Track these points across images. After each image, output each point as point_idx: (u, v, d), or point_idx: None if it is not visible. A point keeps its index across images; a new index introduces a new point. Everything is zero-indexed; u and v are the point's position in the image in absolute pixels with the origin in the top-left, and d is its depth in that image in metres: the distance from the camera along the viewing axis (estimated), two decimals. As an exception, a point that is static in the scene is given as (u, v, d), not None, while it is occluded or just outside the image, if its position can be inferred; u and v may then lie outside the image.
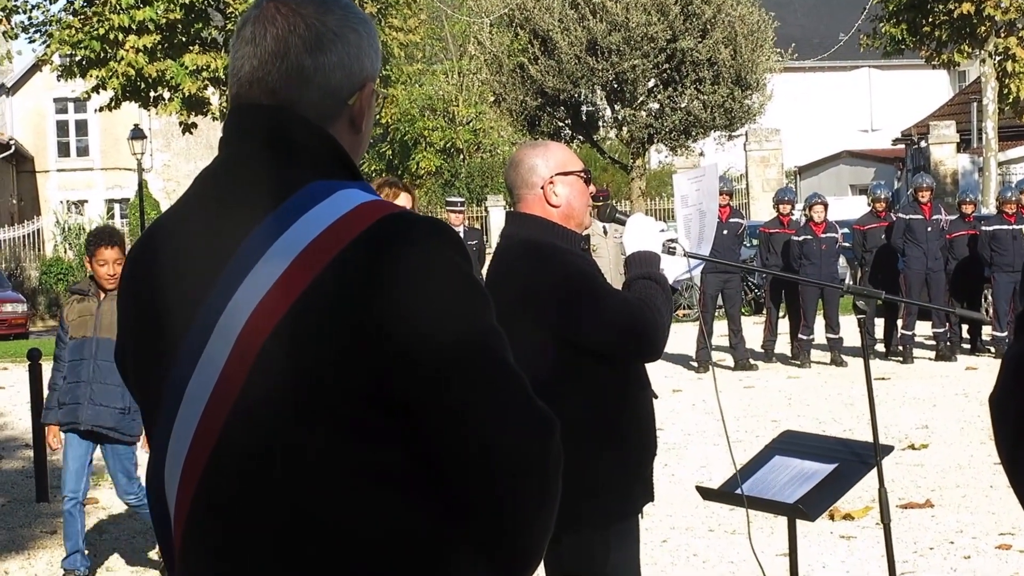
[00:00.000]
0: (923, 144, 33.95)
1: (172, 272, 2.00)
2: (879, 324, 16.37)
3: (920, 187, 15.71)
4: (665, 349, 3.85)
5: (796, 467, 4.14)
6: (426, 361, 1.85)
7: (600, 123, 32.62)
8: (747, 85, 30.41)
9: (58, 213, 42.74)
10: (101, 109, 27.90)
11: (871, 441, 4.05)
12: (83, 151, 46.84)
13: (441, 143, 38.52)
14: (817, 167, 42.46)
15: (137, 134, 34.09)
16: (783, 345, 16.18)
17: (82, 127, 46.45)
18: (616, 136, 32.87)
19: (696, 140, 31.45)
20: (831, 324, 15.47)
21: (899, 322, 15.72)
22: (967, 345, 16.20)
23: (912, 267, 15.35)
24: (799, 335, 15.60)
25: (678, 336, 13.41)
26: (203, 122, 28.35)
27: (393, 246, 1.88)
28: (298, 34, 2.00)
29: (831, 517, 7.54)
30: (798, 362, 15.50)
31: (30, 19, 27.41)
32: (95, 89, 27.09)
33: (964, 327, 16.24)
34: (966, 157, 33.30)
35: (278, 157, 1.99)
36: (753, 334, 16.77)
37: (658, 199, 35.95)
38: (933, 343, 15.75)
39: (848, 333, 15.68)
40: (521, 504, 1.91)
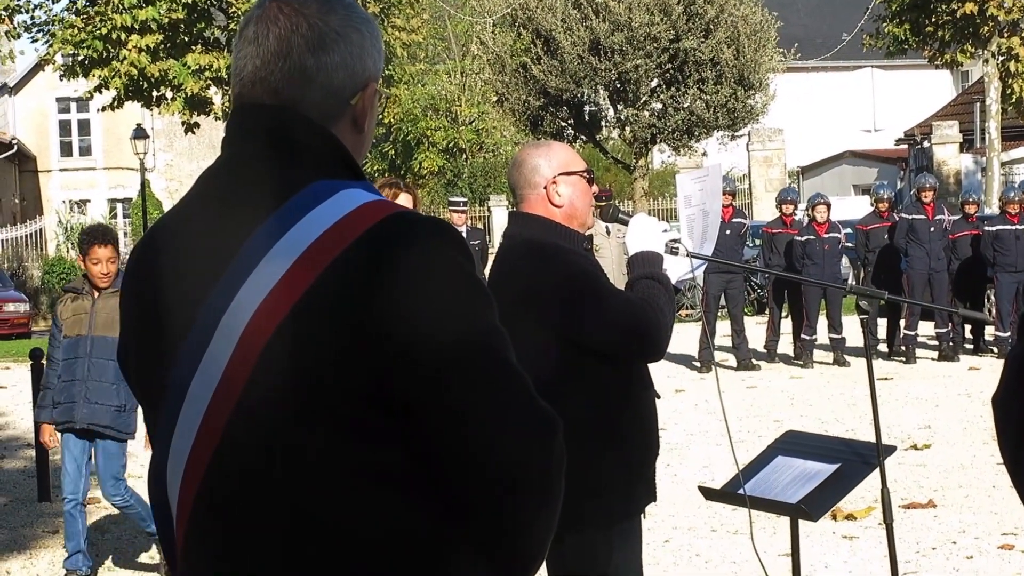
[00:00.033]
0: (926, 144, 33.93)
1: (174, 272, 2.00)
2: (882, 324, 16.35)
3: (923, 187, 15.70)
4: (668, 349, 3.85)
5: (798, 467, 4.14)
6: (428, 361, 1.84)
7: (603, 123, 32.62)
8: (750, 85, 30.40)
9: (60, 213, 42.77)
10: (104, 109, 27.90)
11: (873, 441, 4.04)
12: (85, 151, 46.86)
13: (444, 143, 38.49)
14: (820, 167, 42.45)
15: (139, 134, 34.09)
16: (786, 345, 16.17)
17: (84, 127, 46.48)
18: (619, 136, 32.87)
19: (699, 140, 31.44)
20: (834, 324, 15.46)
21: (902, 322, 15.70)
22: (970, 345, 16.18)
23: (915, 267, 15.35)
24: (802, 335, 15.59)
25: (681, 336, 13.36)
26: (206, 122, 28.34)
27: (395, 246, 1.87)
28: (301, 34, 2.00)
29: (833, 517, 7.53)
30: (801, 362, 15.49)
31: (33, 19, 27.41)
32: (98, 89, 27.09)
33: (967, 327, 16.22)
34: (969, 157, 33.27)
35: (280, 157, 1.98)
36: (756, 334, 16.75)
37: (661, 199, 35.94)
38: (936, 343, 15.73)
39: (851, 333, 15.67)
40: (522, 504, 1.91)
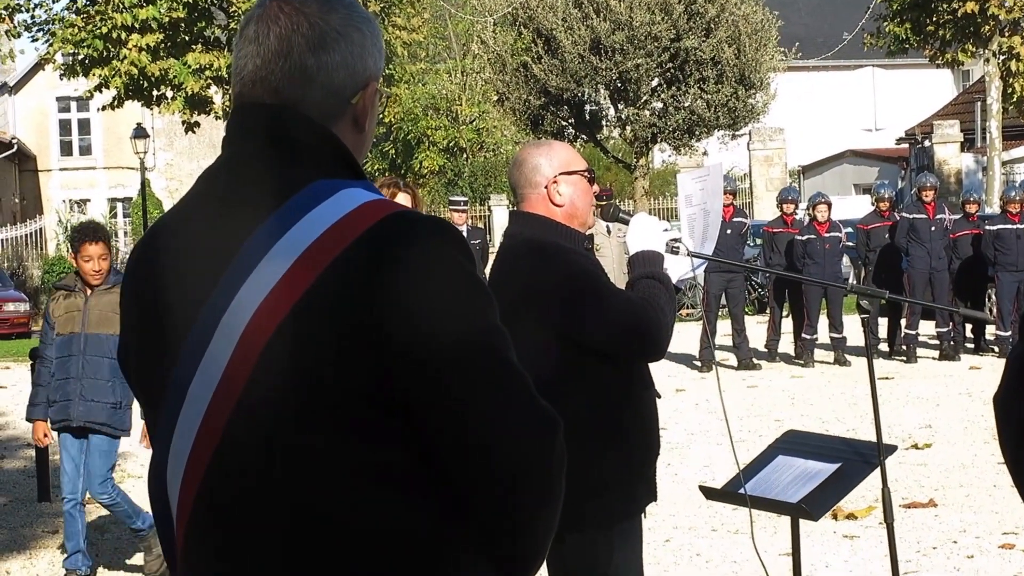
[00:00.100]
0: (927, 143, 33.91)
1: (175, 271, 2.00)
2: (882, 324, 16.34)
3: (924, 186, 15.69)
4: (668, 348, 3.84)
5: (799, 467, 4.14)
6: (428, 360, 1.84)
7: (604, 122, 32.61)
8: (751, 84, 30.40)
9: (60, 212, 42.74)
10: (104, 108, 27.90)
11: (874, 441, 4.04)
12: (86, 150, 46.85)
13: (444, 142, 38.48)
14: (821, 166, 42.44)
15: (140, 133, 34.10)
16: (786, 345, 16.16)
17: (85, 126, 46.46)
18: (619, 135, 32.86)
19: (700, 139, 31.44)
20: (834, 324, 15.45)
21: (903, 321, 15.69)
22: (971, 345, 16.17)
23: (916, 266, 15.34)
24: (802, 335, 15.58)
25: (681, 335, 13.37)
26: (206, 121, 28.34)
27: (395, 245, 1.87)
28: (301, 33, 2.00)
29: (834, 517, 7.53)
30: (801, 361, 15.48)
31: (33, 18, 27.39)
32: (98, 88, 27.08)
33: (968, 326, 16.22)
34: (970, 156, 33.26)
35: (281, 156, 1.98)
36: (756, 333, 16.75)
37: (661, 198, 35.93)
38: (937, 343, 15.73)
39: (851, 333, 15.66)
40: (523, 504, 1.91)
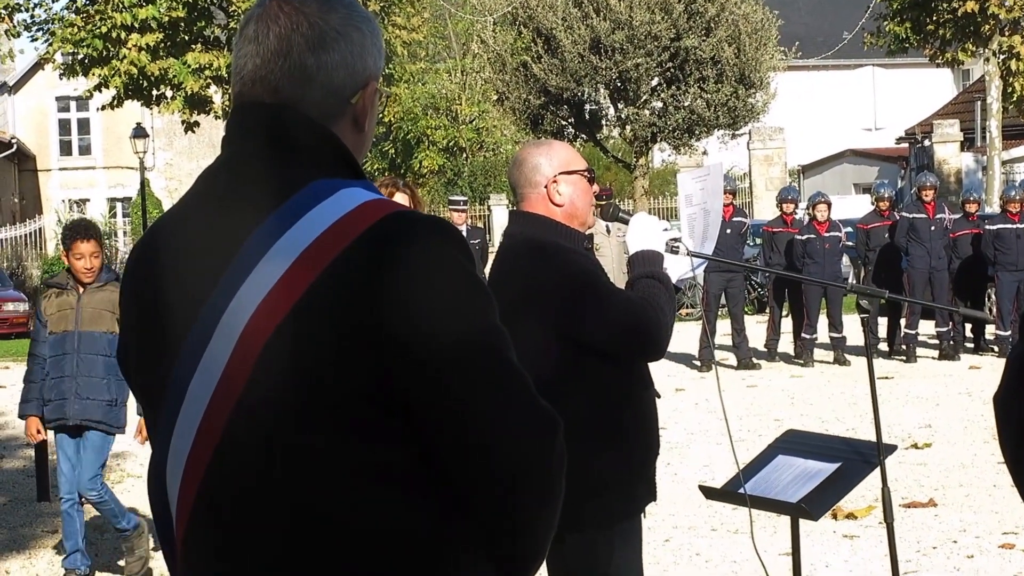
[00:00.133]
0: (927, 143, 33.90)
1: (174, 271, 2.00)
2: (882, 323, 16.34)
3: (924, 186, 15.68)
4: (668, 348, 3.84)
5: (799, 466, 4.13)
6: (428, 360, 1.84)
7: (603, 122, 32.60)
8: (751, 84, 30.39)
9: (60, 212, 42.70)
10: (103, 108, 27.90)
11: (874, 440, 4.04)
12: (85, 150, 46.83)
13: (444, 142, 38.46)
14: (821, 166, 42.43)
15: (139, 133, 34.07)
16: (786, 344, 16.16)
17: (84, 125, 46.44)
18: (619, 135, 32.85)
19: (699, 139, 31.43)
20: (834, 323, 15.45)
21: (902, 321, 15.69)
22: (970, 344, 16.17)
23: (916, 266, 15.33)
24: (802, 334, 15.57)
25: (681, 335, 13.35)
26: (206, 121, 28.33)
27: (395, 245, 1.87)
28: (301, 32, 2.00)
29: (834, 516, 7.53)
30: (801, 361, 15.48)
31: (32, 17, 27.39)
32: (97, 87, 27.08)
33: (967, 326, 16.21)
34: (970, 156, 33.26)
35: (280, 156, 1.98)
36: (756, 333, 16.74)
37: (661, 198, 35.92)
38: (936, 342, 15.72)
39: (851, 332, 15.66)
40: (523, 504, 1.91)
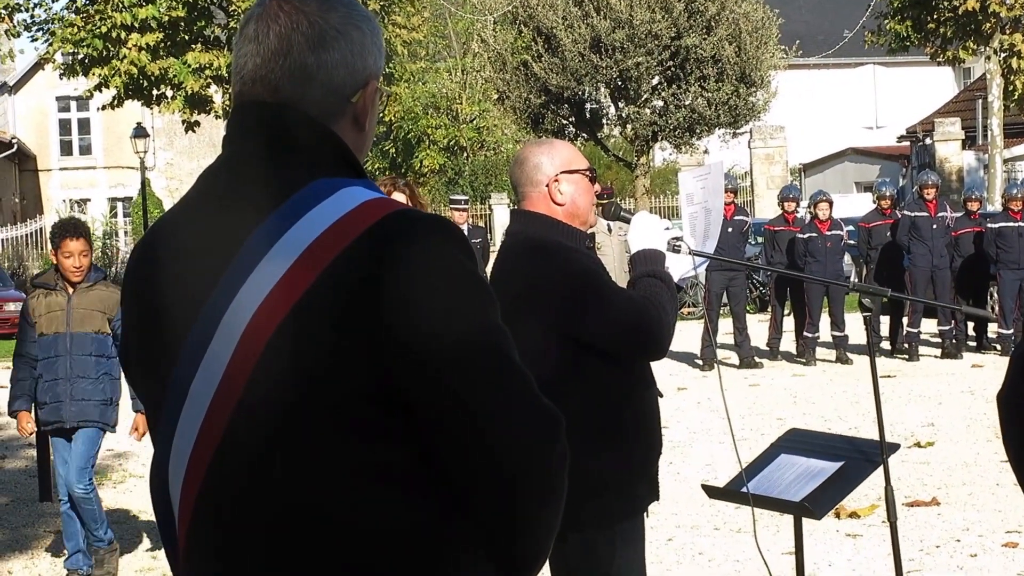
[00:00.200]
0: (928, 141, 33.90)
1: (175, 271, 1.99)
2: (884, 322, 16.33)
3: (925, 184, 15.67)
4: (670, 347, 3.83)
5: (802, 465, 4.12)
6: (429, 359, 1.84)
7: (604, 121, 32.57)
8: (751, 82, 30.35)
9: (61, 212, 42.70)
10: (104, 107, 27.90)
11: (877, 439, 4.03)
12: (86, 150, 46.84)
13: (445, 141, 38.49)
14: (822, 164, 42.43)
15: (140, 132, 34.10)
16: (788, 343, 16.15)
17: (85, 125, 46.46)
18: (620, 134, 32.82)
19: (700, 138, 31.39)
20: (836, 322, 15.44)
21: (904, 320, 15.68)
22: (973, 343, 16.16)
23: (917, 264, 15.33)
24: (804, 333, 15.56)
25: (683, 334, 13.37)
26: (206, 120, 28.34)
27: (396, 244, 1.86)
28: (301, 32, 1.99)
29: (837, 515, 7.52)
30: (803, 360, 15.47)
31: (32, 17, 27.40)
32: (98, 87, 27.09)
33: (970, 324, 16.21)
34: (971, 154, 33.25)
35: (281, 155, 1.98)
36: (758, 332, 16.74)
37: (662, 197, 35.93)
38: (939, 341, 15.71)
39: (853, 331, 15.65)
40: (525, 503, 1.90)
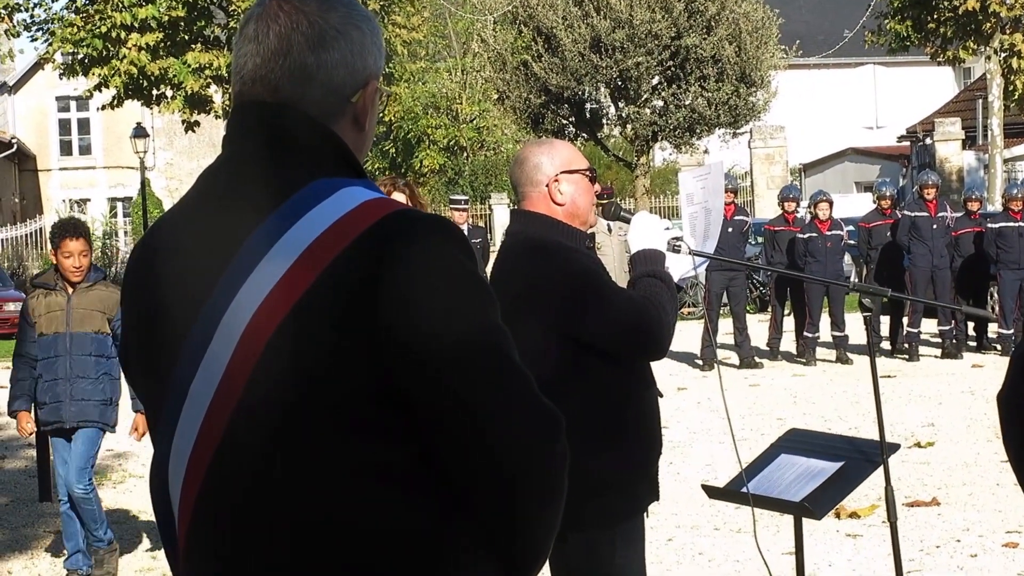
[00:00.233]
0: (928, 141, 33.89)
1: (175, 271, 1.99)
2: (884, 322, 16.33)
3: (925, 184, 15.66)
4: (670, 347, 3.83)
5: (802, 465, 4.12)
6: (429, 359, 1.84)
7: (604, 121, 32.57)
8: (752, 82, 30.35)
9: (60, 212, 42.68)
10: (103, 107, 27.90)
11: (877, 439, 4.03)
12: (85, 149, 46.84)
13: (444, 141, 38.48)
14: (822, 164, 42.43)
15: (140, 132, 34.09)
16: (788, 343, 16.15)
17: (84, 125, 46.45)
18: (620, 134, 32.82)
19: (700, 137, 31.39)
20: (836, 322, 15.44)
21: (905, 320, 15.68)
22: (973, 343, 16.16)
23: (918, 264, 15.32)
24: (804, 333, 15.56)
25: (683, 334, 13.37)
26: (206, 120, 28.34)
27: (396, 243, 1.86)
28: (301, 31, 1.99)
29: (837, 515, 7.52)
30: (803, 360, 15.46)
31: (32, 17, 27.40)
32: (97, 87, 27.09)
33: (970, 324, 16.21)
34: (971, 154, 33.24)
35: (281, 155, 1.98)
36: (758, 332, 16.73)
37: (662, 197, 35.93)
38: (939, 341, 15.71)
39: (853, 331, 15.65)
40: (526, 503, 1.90)
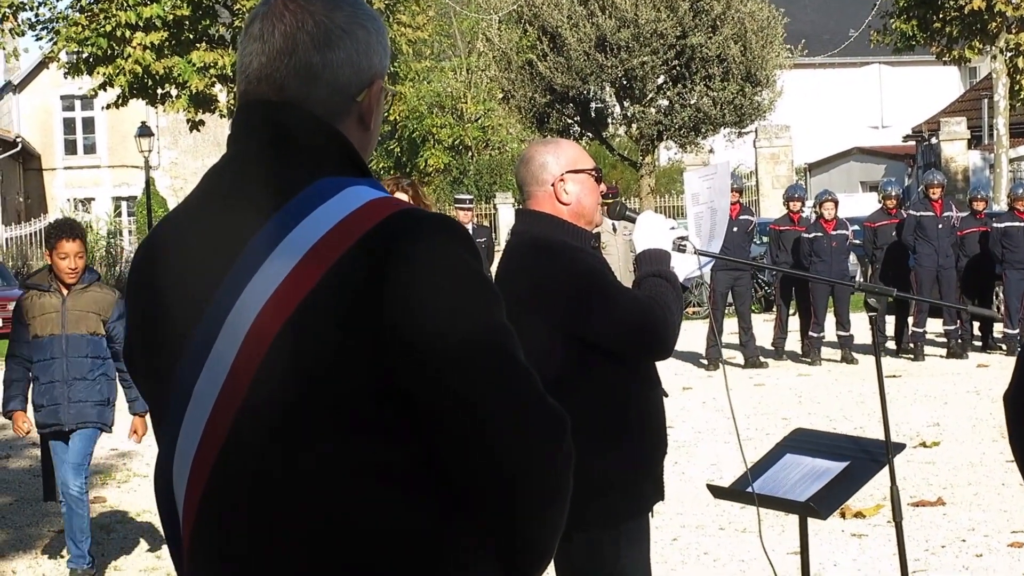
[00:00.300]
0: (934, 141, 33.87)
1: (180, 270, 1.99)
2: (889, 321, 16.33)
3: (931, 184, 15.65)
4: (675, 347, 3.83)
5: (807, 465, 4.12)
6: (434, 359, 1.83)
7: (609, 120, 32.60)
8: (757, 81, 30.37)
9: (65, 211, 42.73)
10: (108, 106, 27.93)
11: (882, 439, 4.02)
12: (90, 149, 46.88)
13: (449, 140, 38.49)
14: (827, 164, 42.42)
15: (144, 131, 34.12)
16: (794, 343, 16.14)
17: (89, 124, 46.50)
18: (625, 133, 32.86)
19: (706, 137, 31.42)
20: (842, 321, 15.43)
21: (910, 319, 15.67)
22: (978, 342, 16.15)
23: (923, 264, 15.30)
24: (810, 332, 15.55)
25: (688, 334, 13.38)
26: (210, 119, 28.36)
27: (401, 242, 1.86)
28: (306, 31, 1.99)
29: (842, 515, 7.51)
30: (809, 360, 15.45)
31: (37, 16, 27.44)
32: (102, 86, 27.11)
33: (975, 324, 16.19)
34: (977, 154, 33.21)
35: (286, 154, 1.97)
36: (763, 332, 16.73)
37: (667, 196, 35.94)
38: (944, 340, 15.71)
39: (859, 331, 15.63)
40: (530, 503, 1.90)
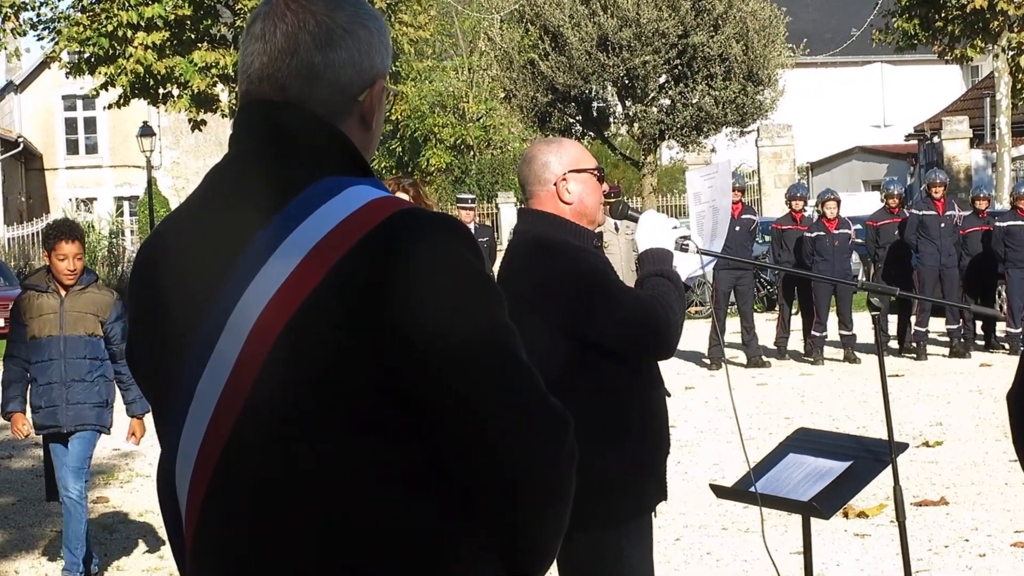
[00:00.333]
0: (936, 140, 33.84)
1: (182, 270, 1.99)
2: (892, 321, 16.32)
3: (933, 183, 15.65)
4: (677, 346, 3.82)
5: (810, 465, 4.11)
6: (436, 358, 1.83)
7: (611, 119, 32.60)
8: (759, 81, 30.36)
9: (67, 211, 42.73)
10: (110, 106, 27.94)
11: (885, 438, 4.02)
12: (92, 148, 46.90)
13: (451, 140, 38.49)
14: (830, 163, 42.39)
15: (146, 131, 34.14)
16: (796, 342, 16.14)
17: (91, 124, 46.52)
18: (627, 132, 32.85)
19: (708, 136, 31.41)
20: (844, 321, 15.43)
21: (912, 319, 15.67)
22: (981, 342, 16.14)
23: (926, 263, 15.30)
24: (812, 332, 15.55)
25: (690, 333, 13.37)
26: (212, 119, 28.37)
27: (403, 242, 1.86)
28: (308, 30, 1.98)
29: (845, 515, 7.51)
30: (811, 359, 15.46)
31: (38, 16, 27.44)
32: (104, 86, 27.11)
33: (978, 323, 16.19)
34: (979, 153, 33.19)
35: (288, 154, 1.97)
36: (766, 331, 16.73)
37: (670, 195, 35.93)
38: (947, 340, 15.70)
39: (861, 330, 15.63)
40: (533, 503, 1.90)
